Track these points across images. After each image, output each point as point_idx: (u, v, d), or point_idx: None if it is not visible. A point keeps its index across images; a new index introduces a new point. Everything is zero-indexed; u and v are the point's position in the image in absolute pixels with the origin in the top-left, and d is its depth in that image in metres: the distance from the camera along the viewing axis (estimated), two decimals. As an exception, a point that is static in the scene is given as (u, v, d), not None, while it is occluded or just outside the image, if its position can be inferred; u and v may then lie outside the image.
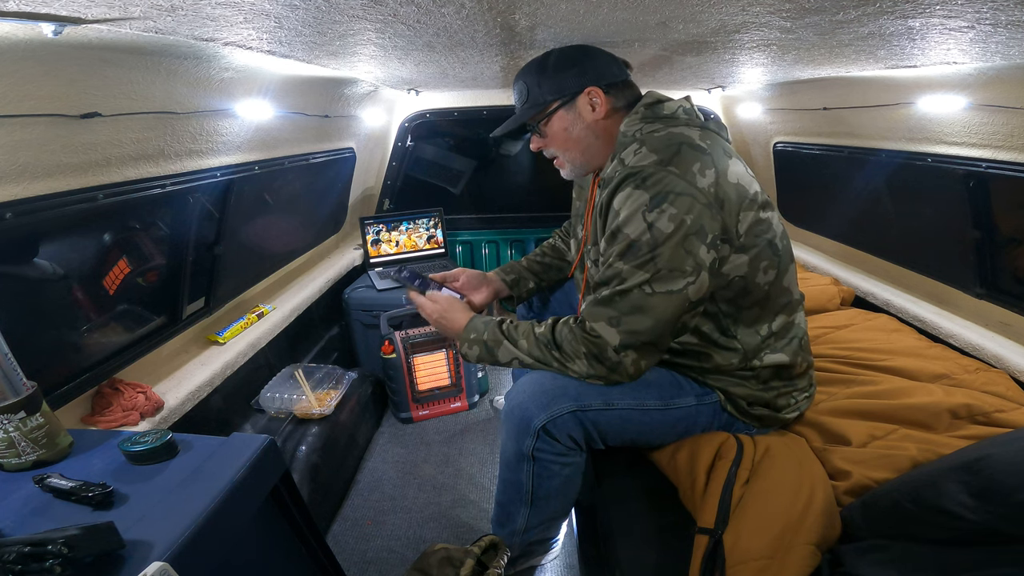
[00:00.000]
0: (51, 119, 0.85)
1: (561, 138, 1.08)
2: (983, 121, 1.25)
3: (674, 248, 0.88)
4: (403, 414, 2.04)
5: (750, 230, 0.94)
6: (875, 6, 0.68)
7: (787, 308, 1.05)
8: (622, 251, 0.91)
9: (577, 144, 1.08)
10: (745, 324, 1.02)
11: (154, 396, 1.17)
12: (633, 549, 1.00)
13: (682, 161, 0.91)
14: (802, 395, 1.12)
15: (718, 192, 0.90)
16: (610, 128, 1.05)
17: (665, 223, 0.88)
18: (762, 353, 1.03)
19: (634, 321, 0.91)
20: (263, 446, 0.77)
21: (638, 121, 1.01)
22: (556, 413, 0.99)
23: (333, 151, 2.09)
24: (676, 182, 0.88)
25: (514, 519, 1.14)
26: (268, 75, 1.27)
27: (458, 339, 1.11)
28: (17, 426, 0.74)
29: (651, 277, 0.89)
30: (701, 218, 0.88)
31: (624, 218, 0.91)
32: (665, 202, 0.88)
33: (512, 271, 1.44)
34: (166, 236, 1.38)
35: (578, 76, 1.02)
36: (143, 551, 0.59)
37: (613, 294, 0.92)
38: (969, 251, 1.47)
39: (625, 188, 0.92)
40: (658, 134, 0.97)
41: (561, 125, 1.06)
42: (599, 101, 1.03)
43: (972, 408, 1.12)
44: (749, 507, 0.91)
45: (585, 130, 1.06)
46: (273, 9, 0.70)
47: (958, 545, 0.72)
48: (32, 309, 1.03)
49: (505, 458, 1.09)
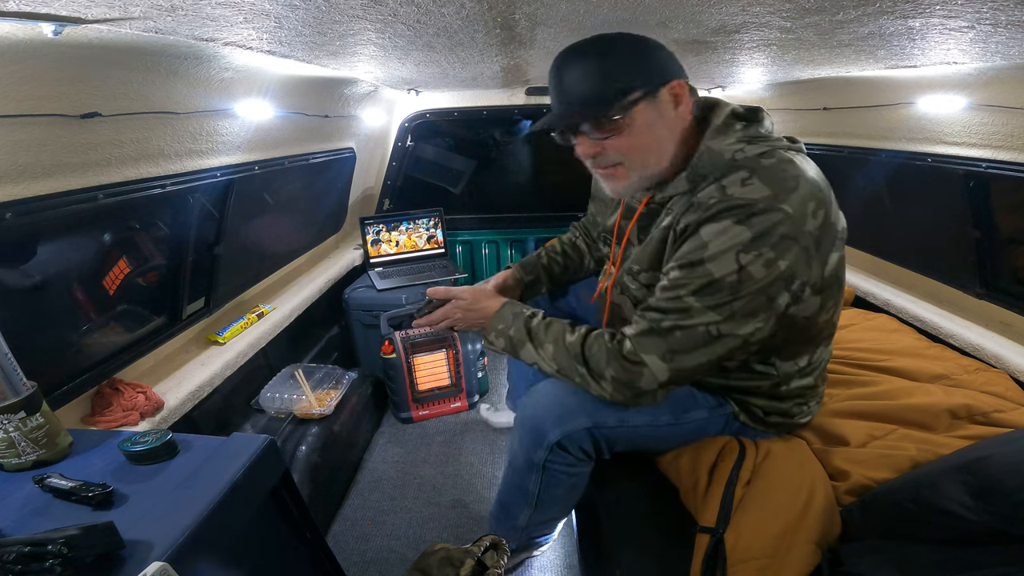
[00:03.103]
0: (51, 119, 0.85)
1: (642, 137, 0.85)
2: (983, 121, 1.25)
3: (756, 294, 0.79)
4: (403, 414, 2.04)
5: (834, 271, 0.86)
6: (875, 6, 0.68)
7: (825, 340, 0.99)
8: (699, 288, 0.80)
9: (659, 146, 0.87)
10: (788, 356, 0.96)
11: (154, 396, 1.17)
12: (633, 549, 1.00)
13: (798, 199, 0.78)
14: (813, 402, 1.10)
15: (820, 234, 0.79)
16: (688, 135, 0.89)
17: (759, 268, 0.77)
18: (793, 379, 1.00)
19: (689, 359, 0.82)
20: (263, 446, 0.77)
21: (737, 140, 0.84)
22: (571, 429, 0.97)
23: (333, 151, 2.09)
24: (786, 223, 0.76)
25: (515, 517, 1.14)
26: (268, 75, 1.27)
27: (486, 328, 1.05)
28: (17, 426, 0.74)
29: (721, 321, 0.80)
30: (797, 264, 0.78)
31: (713, 252, 0.79)
32: (766, 245, 0.76)
33: (532, 271, 1.32)
34: (166, 236, 1.38)
35: (665, 63, 0.84)
36: (143, 551, 0.59)
37: (674, 327, 0.82)
38: (969, 251, 1.47)
39: (723, 220, 0.79)
40: (767, 161, 0.82)
41: (644, 120, 0.84)
42: (683, 97, 0.85)
43: (972, 408, 1.12)
44: (750, 506, 0.91)
45: (668, 130, 0.87)
46: (273, 9, 0.70)
47: (958, 545, 0.72)
48: (32, 309, 1.03)
49: (514, 463, 1.08)
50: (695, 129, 0.90)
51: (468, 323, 1.08)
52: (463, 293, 1.09)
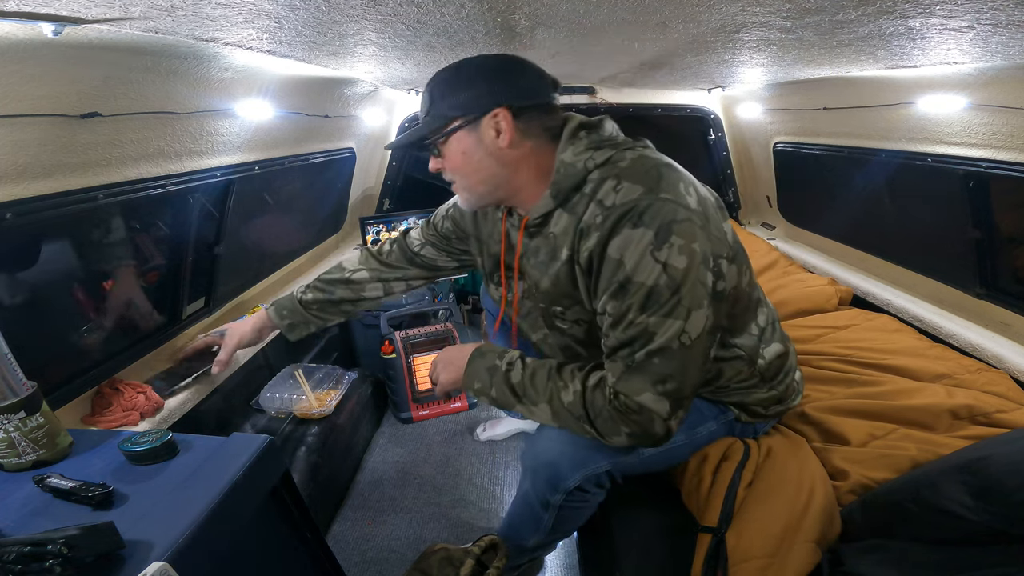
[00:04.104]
0: (51, 119, 0.85)
1: (458, 162, 0.91)
2: (983, 121, 1.25)
3: (693, 284, 0.79)
4: (403, 414, 2.04)
5: (733, 237, 0.90)
6: (875, 6, 0.68)
7: (760, 300, 1.03)
8: (641, 303, 0.79)
9: (476, 172, 0.91)
10: (740, 330, 0.99)
11: (154, 396, 1.17)
12: (633, 549, 1.00)
13: (668, 184, 0.82)
14: (796, 374, 1.12)
15: (704, 209, 0.83)
16: (521, 158, 0.90)
17: (678, 258, 0.78)
18: (761, 349, 1.01)
19: (680, 379, 0.81)
20: (263, 446, 0.77)
21: (584, 149, 0.87)
22: (591, 472, 0.95)
23: (333, 151, 2.09)
24: (674, 209, 0.79)
25: (524, 539, 1.12)
26: (268, 75, 1.27)
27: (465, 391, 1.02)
28: (17, 426, 0.74)
29: (684, 323, 0.79)
30: (703, 242, 0.80)
31: (632, 265, 0.79)
32: (672, 234, 0.78)
33: (290, 315, 1.37)
34: (166, 236, 1.38)
35: (489, 94, 0.86)
36: (143, 551, 0.59)
37: (647, 356, 0.80)
38: (969, 251, 1.47)
39: (621, 231, 0.80)
40: (623, 164, 0.85)
41: (459, 147, 0.89)
42: (505, 126, 0.86)
43: (973, 409, 1.12)
44: (751, 507, 0.92)
45: (486, 157, 0.89)
46: (273, 9, 0.70)
47: (958, 545, 0.72)
48: (32, 309, 1.03)
49: (526, 499, 1.05)
50: (544, 149, 0.91)
51: (453, 385, 1.04)
52: (438, 357, 1.07)
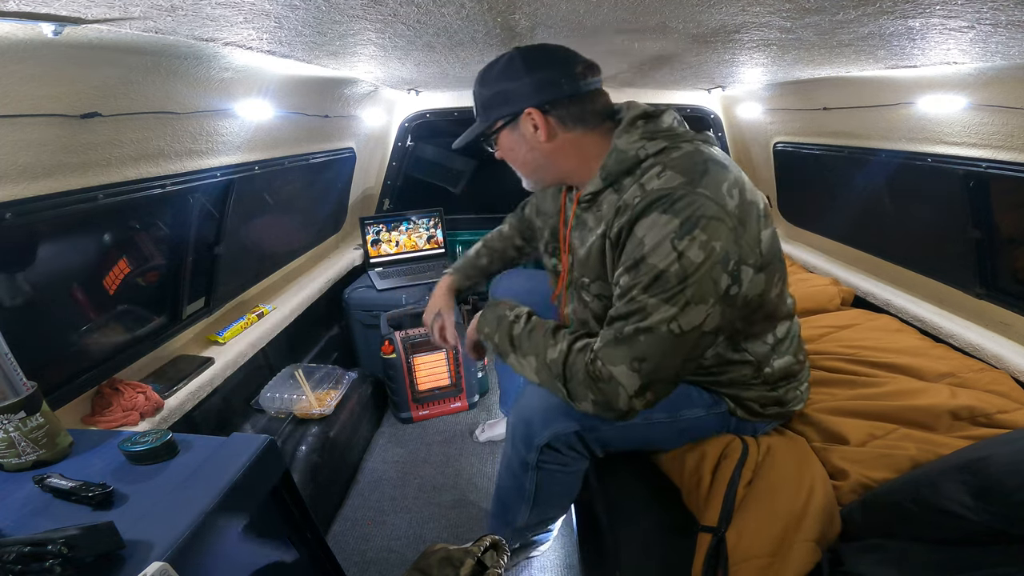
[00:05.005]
0: (51, 119, 0.85)
1: (509, 155, 1.00)
2: (983, 121, 1.25)
3: (703, 279, 0.80)
4: (403, 414, 2.04)
5: (771, 247, 0.89)
6: (875, 6, 0.68)
7: (787, 313, 1.03)
8: (648, 283, 0.82)
9: (525, 164, 0.99)
10: (755, 337, 0.99)
11: (154, 396, 1.17)
12: (633, 548, 1.00)
13: (712, 181, 0.82)
14: (803, 385, 1.12)
15: (741, 213, 0.83)
16: (563, 146, 0.94)
17: (696, 252, 0.79)
18: (772, 359, 1.02)
19: (657, 362, 0.83)
20: (263, 446, 0.77)
21: (639, 138, 0.90)
22: (559, 431, 0.99)
23: (333, 151, 2.09)
24: (708, 205, 0.80)
25: (514, 516, 1.16)
26: (268, 75, 1.27)
27: (478, 337, 1.11)
28: (17, 426, 0.74)
29: (679, 312, 0.81)
30: (728, 244, 0.81)
31: (650, 247, 0.81)
32: (696, 228, 0.79)
33: (470, 276, 1.44)
34: (166, 236, 1.38)
35: (522, 92, 0.91)
36: (143, 551, 0.59)
37: (635, 331, 0.82)
38: (969, 251, 1.47)
39: (651, 214, 0.82)
40: (675, 153, 0.87)
41: (507, 144, 0.98)
42: (539, 123, 0.91)
43: (975, 410, 1.11)
44: (751, 506, 0.92)
45: (530, 151, 0.96)
46: (273, 9, 0.70)
47: (958, 545, 0.72)
48: (32, 309, 1.03)
49: (509, 464, 1.09)
50: (589, 134, 0.94)
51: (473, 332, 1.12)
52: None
